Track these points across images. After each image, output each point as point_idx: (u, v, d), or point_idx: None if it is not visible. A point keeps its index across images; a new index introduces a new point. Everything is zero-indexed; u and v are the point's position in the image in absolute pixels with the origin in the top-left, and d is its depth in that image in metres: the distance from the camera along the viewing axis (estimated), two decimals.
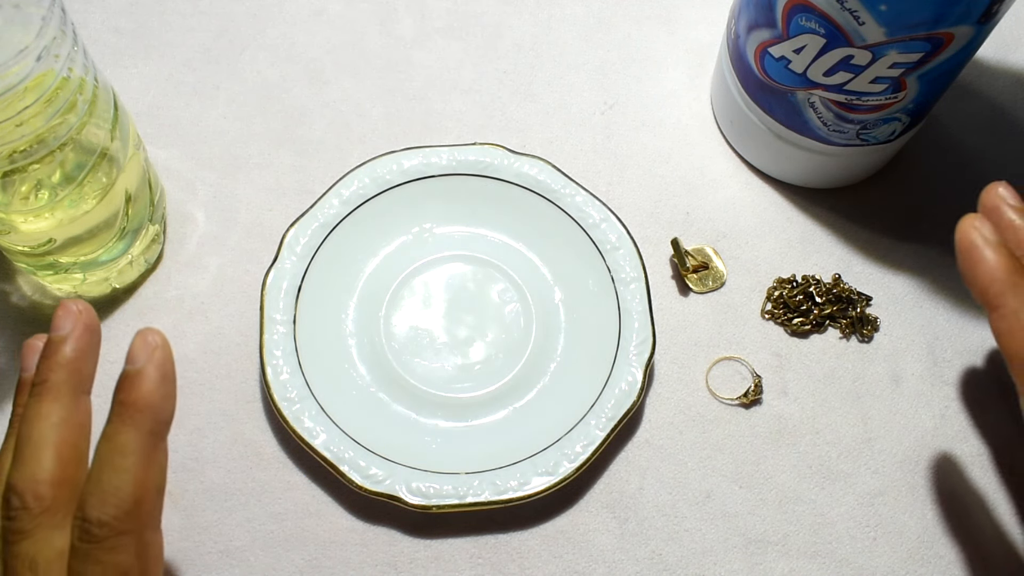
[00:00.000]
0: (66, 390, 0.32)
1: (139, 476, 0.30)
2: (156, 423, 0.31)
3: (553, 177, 0.47)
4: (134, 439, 0.30)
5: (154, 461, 0.31)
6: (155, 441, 0.31)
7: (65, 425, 0.31)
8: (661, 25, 0.55)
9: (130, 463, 0.30)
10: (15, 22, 0.34)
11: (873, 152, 0.47)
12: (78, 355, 0.32)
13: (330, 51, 0.53)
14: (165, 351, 0.31)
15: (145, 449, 0.30)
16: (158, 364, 0.31)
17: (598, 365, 0.44)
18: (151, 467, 0.31)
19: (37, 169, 0.38)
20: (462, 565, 0.42)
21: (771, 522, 0.43)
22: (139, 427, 0.30)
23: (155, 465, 0.31)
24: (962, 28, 0.38)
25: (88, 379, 0.33)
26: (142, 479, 0.30)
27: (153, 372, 0.31)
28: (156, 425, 0.31)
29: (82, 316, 0.32)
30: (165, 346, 0.31)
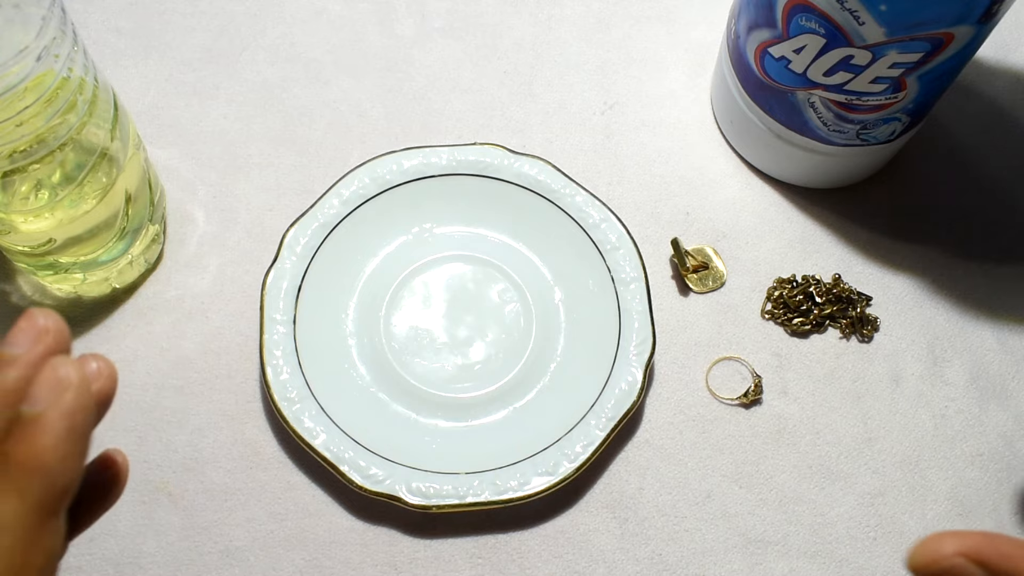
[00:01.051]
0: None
1: (12, 563, 0.22)
2: (48, 492, 0.23)
3: (553, 177, 0.47)
4: (12, 512, 0.22)
5: (37, 544, 0.23)
6: (43, 517, 0.23)
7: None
8: (661, 25, 0.55)
9: (6, 544, 0.22)
10: (15, 22, 0.34)
11: (873, 152, 0.47)
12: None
13: (330, 51, 0.53)
14: (79, 395, 0.23)
15: (27, 527, 0.22)
16: (65, 412, 0.22)
17: (598, 365, 0.44)
18: (32, 551, 0.22)
19: (37, 169, 0.38)
20: (462, 565, 0.42)
21: (771, 522, 0.43)
22: (23, 497, 0.22)
23: (38, 549, 0.23)
24: (962, 28, 0.38)
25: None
26: (16, 565, 0.22)
27: (57, 423, 0.22)
28: (47, 495, 0.23)
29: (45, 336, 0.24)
30: (80, 387, 0.23)
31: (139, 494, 0.43)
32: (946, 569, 0.25)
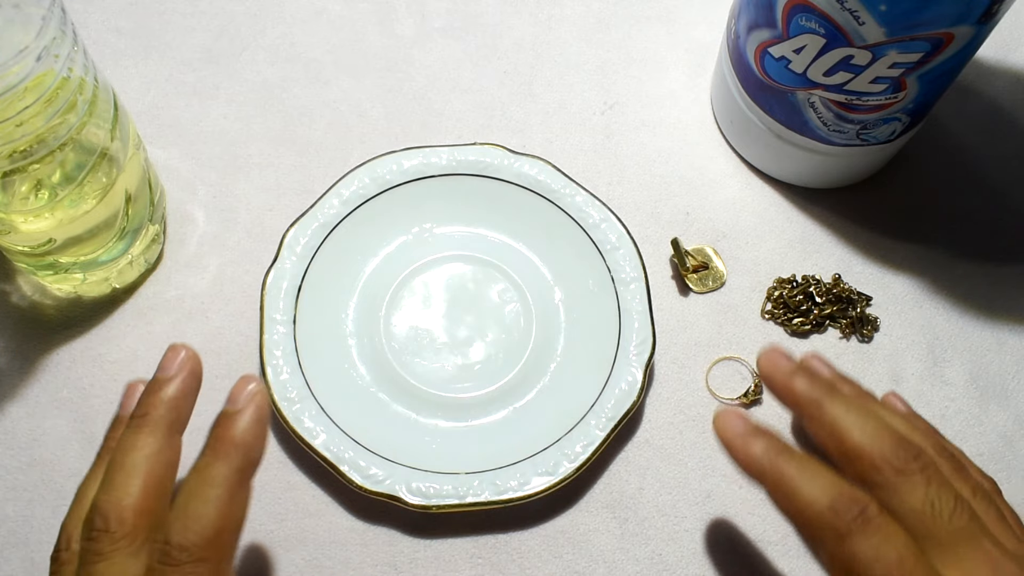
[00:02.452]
0: (163, 426, 0.33)
1: (223, 508, 0.31)
2: (246, 461, 0.32)
3: (553, 177, 0.47)
4: (223, 472, 0.32)
5: (239, 497, 0.32)
6: (242, 478, 0.32)
7: (156, 458, 0.33)
8: (661, 25, 0.55)
9: (216, 494, 0.31)
10: (15, 22, 0.34)
11: (873, 152, 0.47)
12: (180, 396, 0.34)
13: (330, 51, 0.53)
14: (263, 397, 0.33)
15: (232, 484, 0.32)
16: (256, 407, 0.33)
17: (598, 365, 0.44)
18: (235, 502, 0.32)
19: (37, 169, 0.38)
20: (462, 565, 0.42)
21: (771, 522, 0.43)
22: (230, 462, 0.32)
23: (239, 501, 0.32)
24: (962, 28, 0.38)
25: (184, 420, 0.34)
26: (226, 511, 0.31)
27: (251, 414, 0.33)
28: (246, 463, 0.32)
29: (188, 362, 0.34)
30: (263, 392, 0.34)
31: None
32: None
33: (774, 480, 0.33)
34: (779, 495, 0.32)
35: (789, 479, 0.32)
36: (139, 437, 0.33)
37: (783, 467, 0.32)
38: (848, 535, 0.30)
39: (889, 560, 0.30)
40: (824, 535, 0.31)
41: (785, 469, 0.32)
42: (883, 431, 0.33)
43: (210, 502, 0.31)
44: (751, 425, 0.34)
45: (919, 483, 0.32)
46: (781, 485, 0.32)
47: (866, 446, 0.32)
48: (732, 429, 0.34)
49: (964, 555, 0.31)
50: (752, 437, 0.34)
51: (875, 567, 0.30)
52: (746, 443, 0.34)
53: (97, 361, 0.45)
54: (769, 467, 0.33)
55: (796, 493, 0.32)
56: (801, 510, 0.32)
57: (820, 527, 0.31)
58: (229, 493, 0.32)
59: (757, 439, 0.34)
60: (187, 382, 0.34)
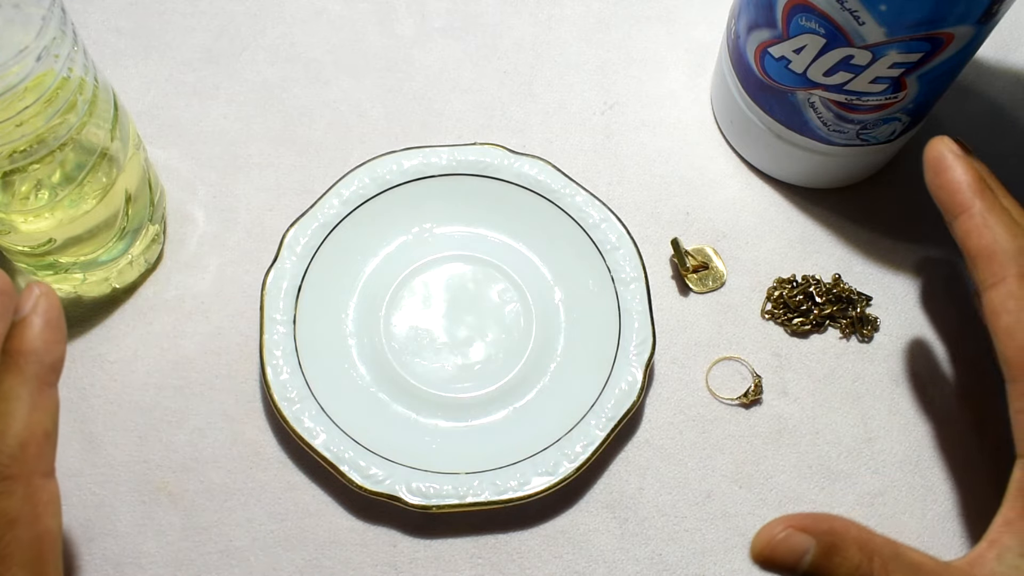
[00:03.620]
0: None
1: (24, 420, 0.30)
2: (41, 367, 0.31)
3: (553, 177, 0.47)
4: (17, 384, 0.31)
5: (40, 406, 0.31)
6: (41, 386, 0.31)
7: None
8: (661, 25, 0.55)
9: (13, 407, 0.30)
10: (15, 22, 0.34)
11: (873, 152, 0.47)
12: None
13: (330, 51, 0.53)
14: (49, 299, 0.32)
15: (31, 394, 0.31)
16: (42, 312, 0.32)
17: (598, 365, 0.44)
18: (37, 411, 0.31)
19: (37, 169, 0.38)
20: (462, 565, 0.42)
21: None
22: (23, 372, 0.31)
23: (41, 410, 0.31)
24: (962, 28, 0.38)
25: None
26: (27, 423, 0.30)
27: (37, 320, 0.31)
28: (41, 369, 0.31)
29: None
30: (49, 295, 0.32)
31: (139, 494, 0.43)
32: (780, 541, 0.31)
33: (976, 211, 0.35)
34: (973, 226, 0.35)
35: (993, 215, 0.35)
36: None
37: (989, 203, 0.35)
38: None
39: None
40: (1008, 272, 0.34)
41: (991, 205, 0.35)
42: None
43: (8, 416, 0.30)
44: (966, 154, 0.36)
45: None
46: (981, 217, 0.35)
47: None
48: (944, 147, 0.36)
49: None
50: (964, 163, 0.36)
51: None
52: (956, 165, 0.36)
53: (97, 361, 0.45)
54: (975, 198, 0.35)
55: (993, 229, 0.35)
56: (993, 243, 0.35)
57: (1007, 263, 0.34)
58: (27, 403, 0.31)
59: (969, 167, 0.36)
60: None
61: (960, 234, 0.36)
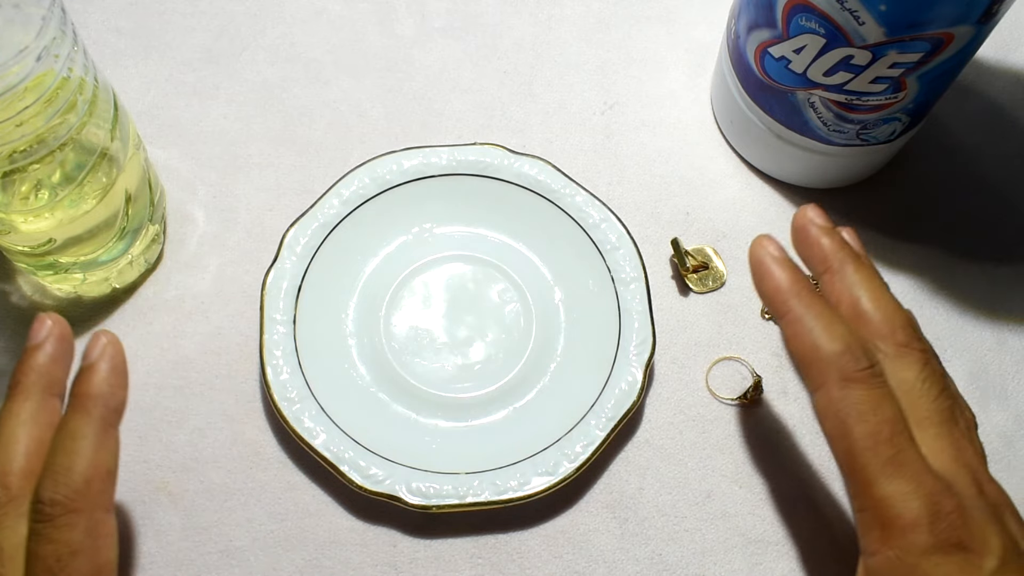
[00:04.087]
0: (37, 390, 0.34)
1: (89, 458, 0.32)
2: (107, 410, 0.33)
3: (553, 177, 0.47)
4: (84, 424, 0.33)
5: (105, 446, 0.33)
6: (105, 427, 0.33)
7: (34, 421, 0.34)
8: (661, 25, 0.55)
9: (80, 446, 0.32)
10: (15, 22, 0.34)
11: (873, 152, 0.47)
12: (50, 361, 0.35)
13: (330, 51, 0.53)
14: (115, 347, 0.34)
15: (96, 434, 0.33)
16: (108, 358, 0.34)
17: (598, 365, 0.44)
18: (102, 451, 0.33)
19: (37, 169, 0.38)
20: (462, 565, 0.42)
21: (771, 522, 0.43)
22: (89, 413, 0.33)
23: (106, 450, 0.33)
24: (962, 28, 0.38)
25: (59, 383, 0.35)
26: (92, 461, 0.32)
27: (104, 365, 0.34)
28: (107, 412, 0.33)
29: (55, 328, 0.35)
30: (115, 343, 0.35)
31: (139, 494, 0.43)
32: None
33: (794, 316, 0.34)
34: (794, 331, 0.34)
35: (811, 317, 0.34)
36: (14, 404, 0.34)
37: (806, 304, 0.34)
38: (852, 382, 0.33)
39: (884, 416, 0.32)
40: (828, 377, 0.33)
41: (808, 307, 0.34)
42: (899, 309, 0.35)
43: (74, 454, 0.32)
44: (784, 255, 0.36)
45: (917, 361, 0.34)
46: (800, 322, 0.34)
47: (880, 314, 0.35)
48: (763, 251, 0.36)
49: (937, 433, 0.33)
50: (782, 266, 0.35)
51: (869, 418, 0.32)
52: (774, 270, 0.35)
53: None
54: (793, 301, 0.34)
55: (812, 332, 0.33)
56: (813, 349, 0.33)
57: (826, 369, 0.33)
58: (93, 444, 0.32)
59: (786, 270, 0.35)
60: (56, 347, 0.35)
61: (784, 339, 0.35)
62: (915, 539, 0.31)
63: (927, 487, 0.32)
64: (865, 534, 0.33)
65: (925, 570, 0.31)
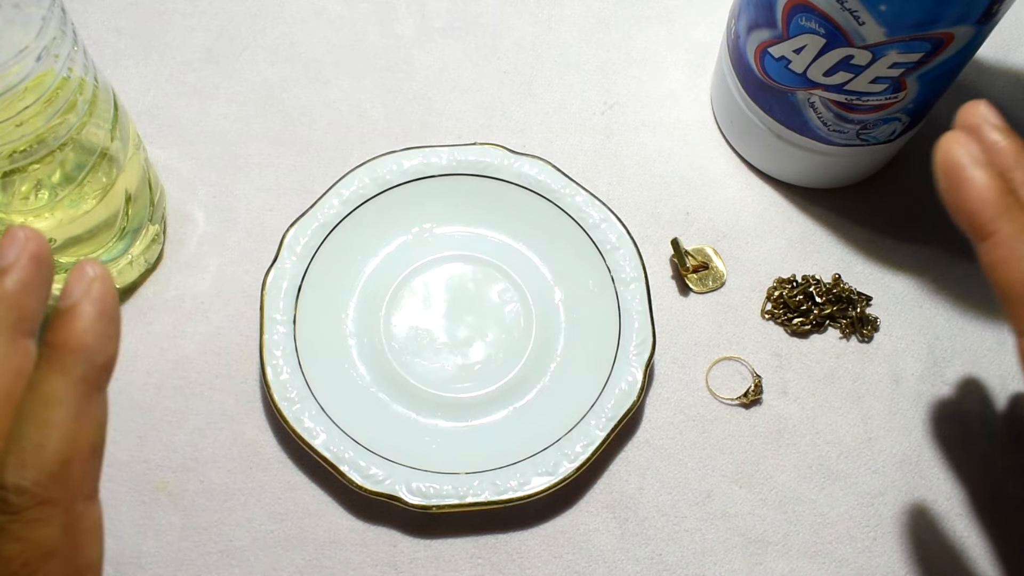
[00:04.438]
0: (3, 328, 0.26)
1: (67, 431, 0.25)
2: (90, 367, 0.26)
3: (553, 177, 0.47)
4: (62, 386, 0.25)
5: (87, 414, 0.25)
6: (88, 390, 0.26)
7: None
8: (661, 25, 0.55)
9: (56, 416, 0.25)
10: (15, 22, 0.34)
11: (873, 152, 0.47)
12: (21, 289, 0.26)
13: (330, 51, 0.53)
14: (104, 283, 0.26)
15: (76, 399, 0.25)
16: (95, 299, 0.26)
17: (598, 365, 0.44)
18: (83, 421, 0.25)
19: (37, 169, 0.38)
20: (462, 565, 0.42)
21: (771, 522, 0.43)
22: (69, 372, 0.25)
23: (89, 419, 0.26)
24: (962, 28, 0.38)
25: (31, 319, 0.27)
26: (71, 435, 0.25)
27: (88, 308, 0.26)
28: (90, 370, 0.26)
29: (30, 243, 0.27)
30: (103, 278, 0.26)
31: (139, 494, 0.43)
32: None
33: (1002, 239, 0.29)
34: (1001, 257, 0.29)
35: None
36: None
37: (1020, 226, 0.29)
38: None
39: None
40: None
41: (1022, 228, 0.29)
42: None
43: (48, 427, 0.25)
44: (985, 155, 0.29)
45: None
46: (1009, 247, 0.29)
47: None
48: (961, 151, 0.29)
49: None
50: (987, 172, 0.29)
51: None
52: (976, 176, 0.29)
53: None
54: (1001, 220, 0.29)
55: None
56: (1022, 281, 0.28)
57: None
58: (73, 413, 0.25)
59: (992, 177, 0.29)
60: (29, 270, 0.26)
61: (986, 264, 0.29)
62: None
63: None
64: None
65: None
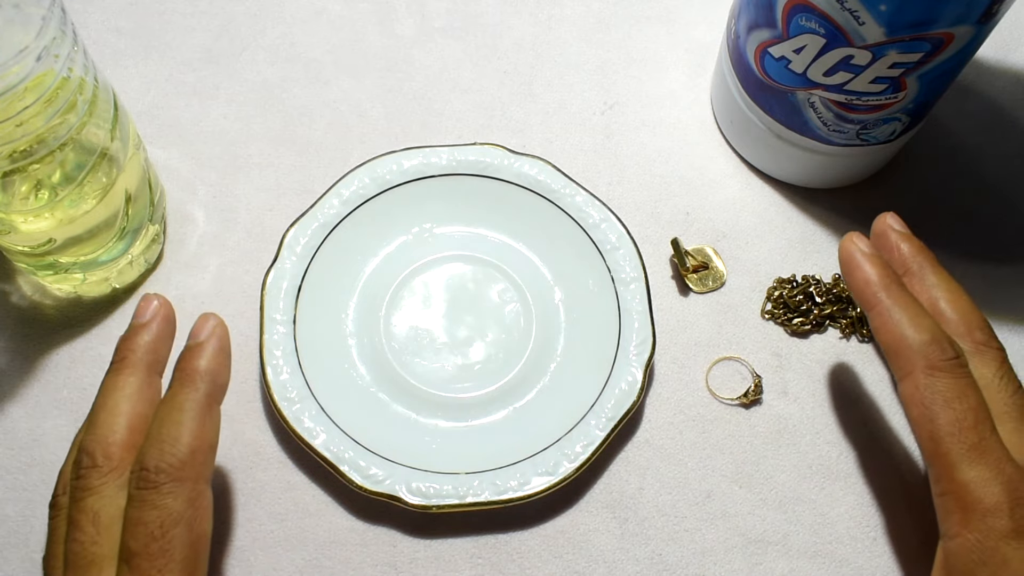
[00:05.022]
0: (142, 367, 0.36)
1: (195, 429, 0.33)
2: (213, 386, 0.35)
3: (553, 177, 0.47)
4: (191, 398, 0.34)
5: (210, 419, 0.34)
6: (210, 402, 0.34)
7: (138, 396, 0.35)
8: (661, 25, 0.55)
9: (187, 417, 0.33)
10: (15, 22, 0.34)
11: (873, 152, 0.47)
12: (156, 339, 0.36)
13: (330, 51, 0.53)
14: (222, 328, 0.36)
15: (202, 407, 0.34)
16: (216, 338, 0.36)
17: (598, 365, 0.44)
18: (206, 424, 0.34)
19: (37, 169, 0.38)
20: (462, 565, 0.42)
21: (771, 522, 0.43)
22: (197, 388, 0.34)
23: (210, 424, 0.34)
24: (962, 28, 0.38)
25: (162, 362, 0.37)
26: (198, 432, 0.33)
27: (212, 344, 0.35)
28: (212, 388, 0.35)
29: (162, 309, 0.37)
30: (222, 325, 0.36)
31: None
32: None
33: (883, 308, 0.36)
34: (882, 322, 0.36)
35: (899, 309, 0.36)
36: (119, 378, 0.35)
37: (895, 297, 0.36)
38: (938, 371, 0.35)
39: (969, 404, 0.34)
40: (915, 366, 0.35)
41: (896, 300, 0.36)
42: (975, 309, 0.38)
43: (180, 425, 0.33)
44: (873, 250, 0.38)
45: (995, 359, 0.37)
46: (889, 313, 0.36)
47: (957, 314, 0.37)
48: (854, 247, 0.38)
49: (1015, 428, 0.35)
50: (871, 261, 0.37)
51: (954, 406, 0.34)
52: (864, 264, 0.37)
53: (97, 361, 0.45)
54: (882, 294, 0.36)
55: (900, 323, 0.36)
56: (901, 339, 0.35)
57: (914, 357, 0.35)
58: (199, 416, 0.34)
59: (875, 264, 0.37)
60: (161, 327, 0.37)
61: (873, 328, 0.37)
62: (995, 523, 0.32)
63: (1007, 474, 0.33)
64: (945, 518, 0.34)
65: (1004, 554, 0.32)
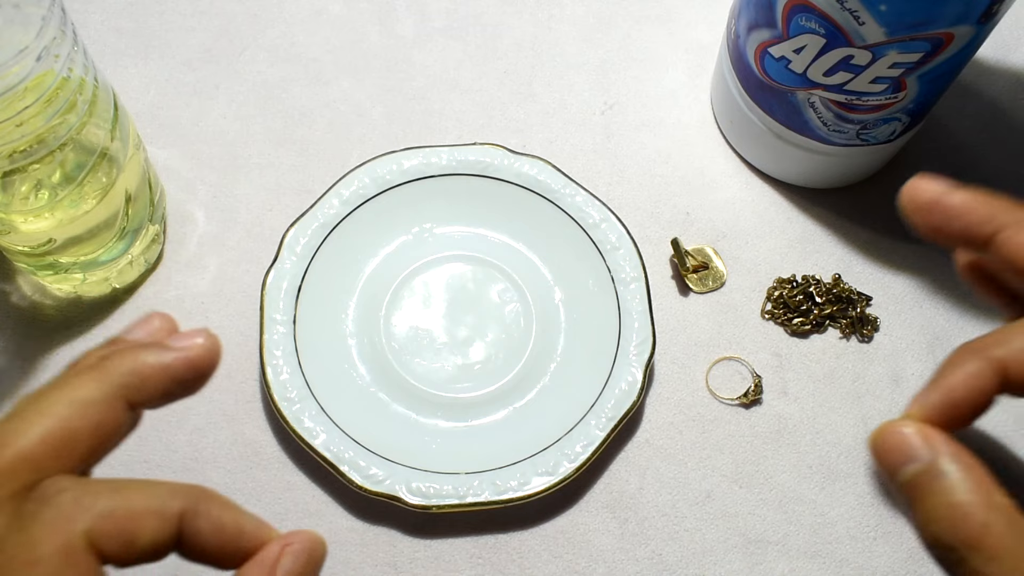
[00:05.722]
0: (113, 380, 0.27)
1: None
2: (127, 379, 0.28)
3: (553, 177, 0.47)
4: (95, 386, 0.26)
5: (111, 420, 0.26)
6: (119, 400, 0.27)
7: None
8: (661, 25, 0.55)
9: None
10: (15, 22, 0.34)
11: (873, 152, 0.47)
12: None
13: (330, 51, 0.53)
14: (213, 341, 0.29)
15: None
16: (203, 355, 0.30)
17: (598, 365, 0.44)
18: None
19: (37, 169, 0.38)
20: (462, 565, 0.42)
21: (771, 522, 0.43)
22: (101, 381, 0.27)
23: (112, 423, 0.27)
24: (962, 28, 0.38)
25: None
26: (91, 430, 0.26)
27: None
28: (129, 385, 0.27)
29: (164, 323, 0.31)
30: (213, 338, 0.29)
31: None
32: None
33: (1014, 227, 0.29)
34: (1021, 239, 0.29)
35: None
36: (78, 379, 0.26)
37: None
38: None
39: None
40: None
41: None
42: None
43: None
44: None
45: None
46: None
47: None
48: (931, 187, 0.31)
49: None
50: (961, 191, 0.30)
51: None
52: (955, 193, 0.30)
53: None
54: (1000, 218, 0.30)
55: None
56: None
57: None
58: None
59: (971, 192, 0.30)
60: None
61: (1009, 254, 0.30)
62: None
63: None
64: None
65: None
